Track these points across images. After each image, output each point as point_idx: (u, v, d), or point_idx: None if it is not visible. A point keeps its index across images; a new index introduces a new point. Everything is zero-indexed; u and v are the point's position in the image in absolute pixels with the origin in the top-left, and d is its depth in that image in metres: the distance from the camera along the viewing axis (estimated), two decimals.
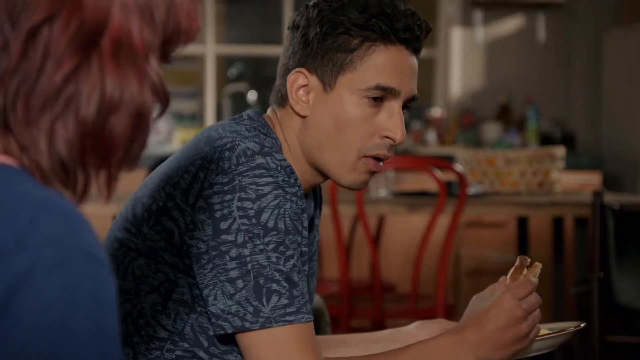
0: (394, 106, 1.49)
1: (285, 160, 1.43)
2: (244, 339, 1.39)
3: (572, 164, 5.12)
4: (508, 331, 1.45)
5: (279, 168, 1.41)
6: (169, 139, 5.51)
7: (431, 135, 5.67)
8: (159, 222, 1.42)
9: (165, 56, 0.90)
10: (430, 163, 3.45)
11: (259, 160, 1.40)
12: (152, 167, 2.87)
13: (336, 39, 1.48)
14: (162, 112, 0.90)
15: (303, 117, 1.51)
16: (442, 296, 3.37)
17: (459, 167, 3.59)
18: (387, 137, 1.49)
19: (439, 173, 3.38)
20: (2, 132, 0.84)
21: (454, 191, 3.49)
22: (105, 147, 0.86)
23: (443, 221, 3.75)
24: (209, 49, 5.82)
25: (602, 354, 3.06)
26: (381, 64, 1.48)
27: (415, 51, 1.51)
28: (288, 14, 5.89)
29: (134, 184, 1.60)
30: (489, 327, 1.45)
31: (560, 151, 3.86)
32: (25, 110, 0.83)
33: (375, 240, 4.07)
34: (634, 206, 3.26)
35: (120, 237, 1.47)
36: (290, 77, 1.51)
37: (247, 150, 1.40)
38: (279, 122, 1.54)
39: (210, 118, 5.84)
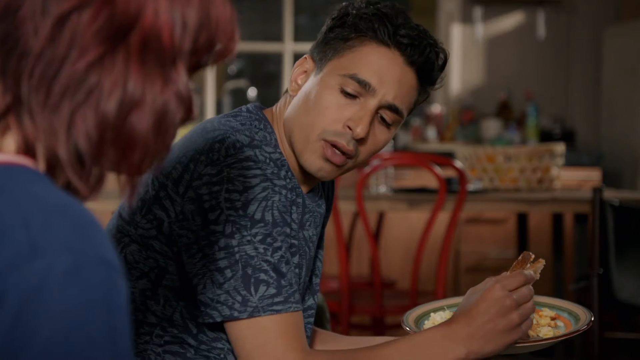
0: (369, 103, 1.48)
1: (275, 152, 1.45)
2: (231, 328, 1.41)
3: (572, 161, 5.13)
4: (499, 321, 1.42)
5: (267, 160, 1.42)
6: None
7: (431, 132, 5.67)
8: (151, 210, 1.43)
9: (195, 67, 0.91)
10: (430, 159, 3.45)
11: (248, 152, 1.41)
12: None
13: (340, 30, 1.50)
14: (185, 120, 0.90)
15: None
16: (441, 292, 3.37)
17: (458, 163, 3.59)
18: (348, 127, 1.48)
19: (438, 169, 3.38)
20: (26, 118, 0.84)
21: (453, 187, 3.49)
22: (125, 144, 0.86)
23: (443, 217, 3.76)
24: None
25: (601, 350, 3.06)
26: (366, 57, 1.49)
27: (413, 64, 1.50)
28: (288, 11, 5.89)
29: None
30: (479, 319, 1.42)
31: (559, 148, 3.87)
32: (46, 95, 0.83)
33: (375, 236, 4.07)
34: (634, 202, 3.26)
35: (116, 223, 1.49)
36: (297, 62, 1.57)
37: (237, 142, 1.42)
38: (280, 114, 1.55)
39: (210, 114, 5.84)
